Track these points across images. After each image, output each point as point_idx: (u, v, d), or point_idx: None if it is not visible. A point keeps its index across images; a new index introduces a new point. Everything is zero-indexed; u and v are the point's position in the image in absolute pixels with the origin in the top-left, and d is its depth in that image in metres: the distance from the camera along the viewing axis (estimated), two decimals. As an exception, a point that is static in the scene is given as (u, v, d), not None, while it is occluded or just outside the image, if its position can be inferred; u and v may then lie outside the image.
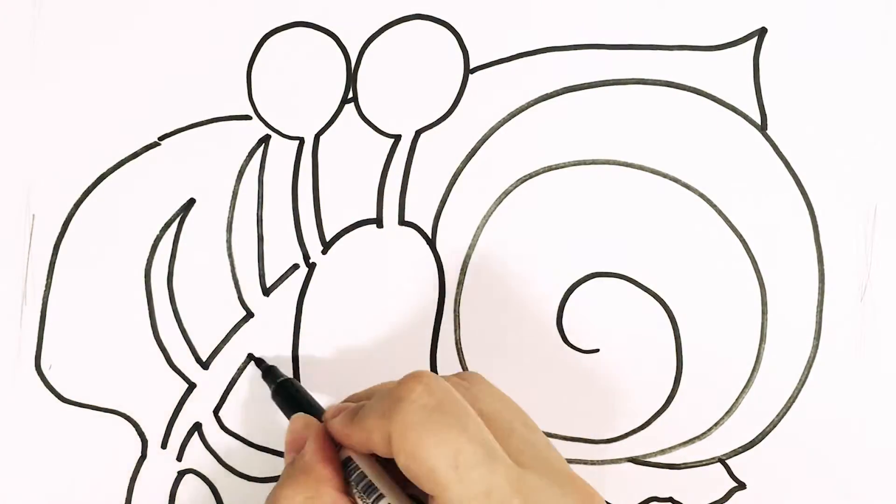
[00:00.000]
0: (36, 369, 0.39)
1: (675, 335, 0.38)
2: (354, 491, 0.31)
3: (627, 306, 0.38)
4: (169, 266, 0.39)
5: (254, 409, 0.39)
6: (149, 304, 0.39)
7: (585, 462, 0.38)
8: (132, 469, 0.39)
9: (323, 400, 0.39)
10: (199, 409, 0.39)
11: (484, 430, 0.29)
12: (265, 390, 0.39)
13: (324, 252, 0.39)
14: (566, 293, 0.38)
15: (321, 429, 0.33)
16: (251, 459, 0.39)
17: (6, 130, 0.39)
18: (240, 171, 0.39)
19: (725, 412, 0.38)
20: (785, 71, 0.38)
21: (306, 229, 0.39)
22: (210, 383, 0.39)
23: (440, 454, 0.28)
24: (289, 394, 0.37)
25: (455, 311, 0.39)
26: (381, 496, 0.30)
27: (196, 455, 0.39)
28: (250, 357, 0.39)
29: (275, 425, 0.39)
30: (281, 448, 0.39)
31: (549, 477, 0.30)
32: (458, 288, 0.39)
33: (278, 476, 0.39)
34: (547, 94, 0.39)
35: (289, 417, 0.35)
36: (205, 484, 0.39)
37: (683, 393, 0.38)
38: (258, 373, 0.39)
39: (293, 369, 0.39)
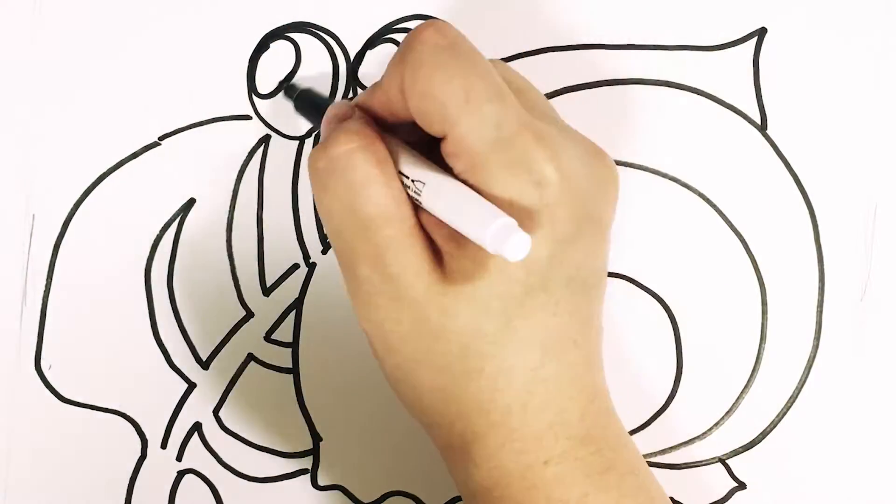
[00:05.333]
0: (36, 369, 0.39)
1: (675, 335, 0.38)
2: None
3: (627, 306, 0.38)
4: (169, 266, 0.39)
5: (254, 409, 0.39)
6: (149, 304, 0.39)
7: (585, 462, 0.38)
8: (132, 469, 0.39)
9: (322, 401, 0.39)
10: (199, 409, 0.39)
11: (496, 75, 0.28)
12: (265, 390, 0.39)
13: (324, 252, 0.39)
14: (566, 293, 0.38)
15: (361, 103, 0.32)
16: (251, 459, 0.39)
17: (6, 130, 0.39)
18: (240, 171, 0.39)
19: (725, 412, 0.38)
20: (785, 71, 0.38)
21: (306, 229, 0.39)
22: (210, 383, 0.39)
23: (451, 88, 0.27)
24: (313, 100, 0.36)
25: (455, 311, 0.39)
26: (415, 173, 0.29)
27: (196, 455, 0.39)
28: (283, 87, 0.38)
29: (275, 425, 0.39)
30: (281, 448, 0.39)
31: (558, 128, 0.29)
32: (458, 288, 0.39)
33: (278, 476, 0.39)
34: (547, 93, 0.39)
35: (317, 124, 0.34)
36: (205, 484, 0.39)
37: (683, 393, 0.38)
38: (258, 373, 0.39)
39: (293, 369, 0.39)
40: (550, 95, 0.39)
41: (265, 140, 0.39)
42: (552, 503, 0.29)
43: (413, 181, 0.29)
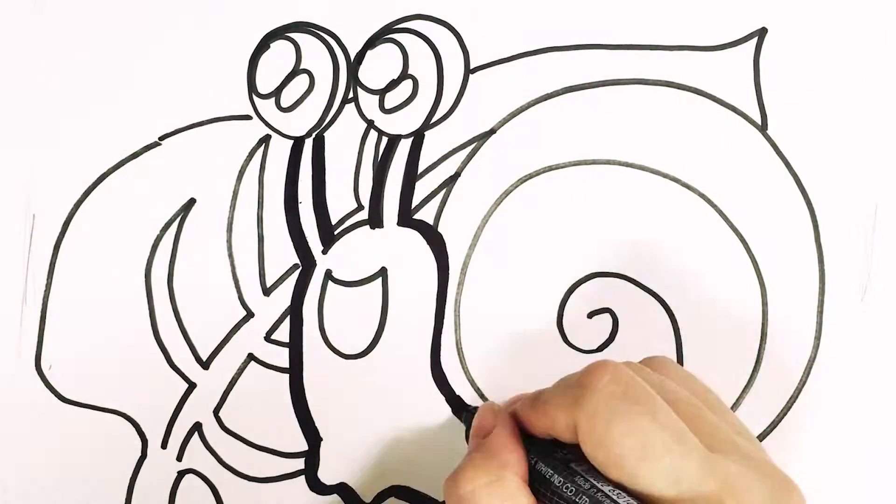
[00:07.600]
0: (36, 369, 0.39)
1: (675, 335, 0.38)
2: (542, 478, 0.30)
3: (627, 306, 0.38)
4: (169, 266, 0.39)
5: (254, 409, 0.39)
6: (149, 304, 0.39)
7: (585, 462, 0.38)
8: (132, 469, 0.39)
9: (322, 401, 0.39)
10: (199, 409, 0.39)
11: (672, 417, 0.29)
12: (265, 390, 0.39)
13: (324, 252, 0.39)
14: (567, 293, 0.38)
15: (508, 415, 0.32)
16: (251, 459, 0.39)
17: (7, 131, 0.39)
18: (240, 171, 0.39)
19: (725, 412, 0.38)
20: (785, 71, 0.38)
21: (306, 229, 0.39)
22: (210, 383, 0.39)
23: (627, 443, 0.28)
24: None
25: (455, 311, 0.39)
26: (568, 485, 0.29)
27: (196, 455, 0.39)
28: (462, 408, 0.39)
29: (275, 425, 0.39)
30: (280, 448, 0.39)
31: (742, 462, 0.29)
32: (458, 288, 0.39)
33: (278, 476, 0.39)
34: (547, 94, 0.39)
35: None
36: (205, 484, 0.39)
37: (683, 393, 0.38)
38: (258, 373, 0.39)
39: (293, 369, 0.39)
40: (550, 95, 0.39)
41: (265, 140, 0.39)
42: None
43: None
